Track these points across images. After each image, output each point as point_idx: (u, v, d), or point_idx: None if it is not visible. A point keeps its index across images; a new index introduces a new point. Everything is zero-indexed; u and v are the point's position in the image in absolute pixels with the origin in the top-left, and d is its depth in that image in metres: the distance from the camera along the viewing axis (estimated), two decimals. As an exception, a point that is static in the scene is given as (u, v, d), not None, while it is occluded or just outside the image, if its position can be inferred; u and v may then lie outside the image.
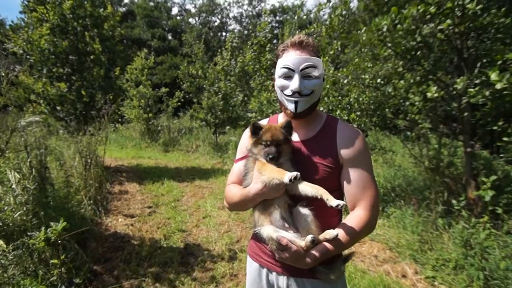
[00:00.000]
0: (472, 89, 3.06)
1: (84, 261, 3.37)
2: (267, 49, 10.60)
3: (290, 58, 1.44)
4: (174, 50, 33.46)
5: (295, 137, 1.53)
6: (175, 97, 16.59)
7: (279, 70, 1.47)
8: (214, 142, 13.14)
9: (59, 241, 2.33)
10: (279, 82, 1.48)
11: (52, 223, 2.34)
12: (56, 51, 7.69)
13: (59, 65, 7.88)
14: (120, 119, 17.20)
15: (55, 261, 2.39)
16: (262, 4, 39.17)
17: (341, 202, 1.25)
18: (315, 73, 1.43)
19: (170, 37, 37.54)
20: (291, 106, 1.45)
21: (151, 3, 40.68)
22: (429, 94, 3.04)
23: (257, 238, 1.49)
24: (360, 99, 4.88)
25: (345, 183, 1.42)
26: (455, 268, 3.33)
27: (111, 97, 8.81)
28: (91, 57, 8.03)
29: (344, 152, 1.42)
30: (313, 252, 1.31)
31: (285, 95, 1.46)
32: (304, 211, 1.36)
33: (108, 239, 4.15)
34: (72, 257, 3.19)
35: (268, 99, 8.76)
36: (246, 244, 4.27)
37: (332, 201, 1.26)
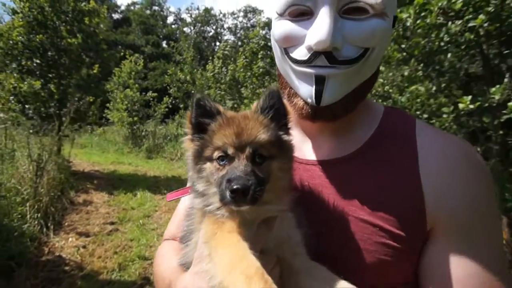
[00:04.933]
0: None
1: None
2: (259, 56, 10.18)
3: None
4: (167, 57, 33.04)
5: (309, 155, 0.85)
6: (163, 102, 15.98)
7: (279, 1, 0.78)
8: (200, 152, 12.45)
9: None
10: (279, 28, 0.78)
11: None
12: (31, 45, 7.03)
13: (35, 60, 7.19)
14: (106, 122, 16.52)
15: None
16: (258, 17, 39.40)
17: None
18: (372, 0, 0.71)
19: (164, 45, 37.20)
20: (306, 91, 0.75)
21: (148, 11, 40.56)
22: (461, 105, 2.44)
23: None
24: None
25: (434, 281, 0.71)
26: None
27: (91, 99, 8.12)
28: (69, 53, 7.39)
29: (441, 201, 0.71)
30: None
31: (294, 61, 0.76)
32: None
33: (45, 267, 3.34)
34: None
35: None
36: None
37: None
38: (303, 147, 0.89)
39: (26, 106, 6.65)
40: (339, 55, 0.72)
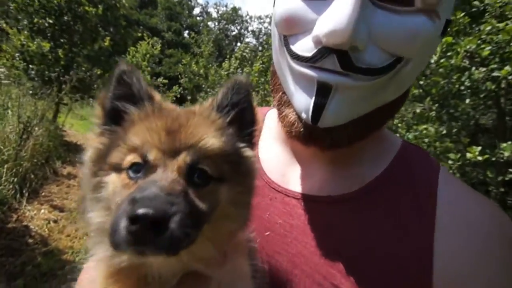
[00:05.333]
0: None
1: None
2: (276, 64, 10.14)
3: None
4: (186, 47, 33.15)
5: (293, 184, 0.68)
6: (171, 91, 15.91)
7: None
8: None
9: None
10: (282, 5, 0.58)
11: None
12: (48, 5, 6.93)
13: (48, 20, 7.09)
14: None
15: None
16: (283, 27, 39.49)
17: None
18: None
19: (186, 34, 37.38)
20: (302, 101, 0.56)
21: (176, -2, 40.86)
22: (469, 155, 2.32)
23: None
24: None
25: None
26: None
27: (98, 71, 8.02)
28: (85, 21, 7.30)
29: (454, 282, 0.54)
30: None
31: (293, 55, 0.56)
32: None
33: (9, 235, 3.16)
34: None
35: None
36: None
37: None
38: (288, 172, 0.69)
39: (30, 66, 6.51)
40: (358, 59, 0.51)
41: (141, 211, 0.34)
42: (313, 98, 0.53)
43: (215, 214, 0.44)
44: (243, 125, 0.52)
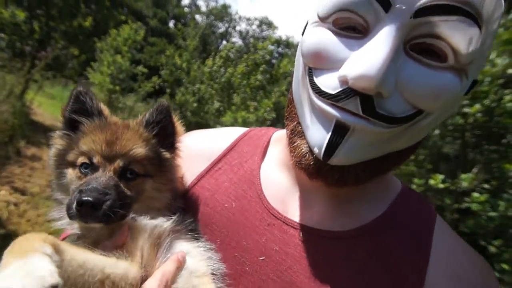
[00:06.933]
0: (477, 195, 2.44)
1: None
2: (260, 69, 10.13)
3: None
4: (170, 37, 32.28)
5: (292, 212, 0.70)
6: (150, 81, 15.38)
7: (324, 3, 0.57)
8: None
9: None
10: (313, 37, 0.58)
11: None
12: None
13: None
14: (85, 81, 15.59)
15: None
16: (271, 32, 39.90)
17: None
18: (466, 45, 0.49)
19: (171, 24, 36.43)
20: (317, 137, 0.57)
21: (165, -15, 39.68)
22: (432, 182, 2.45)
23: None
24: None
25: None
26: None
27: (75, 51, 7.58)
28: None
29: None
30: None
31: (316, 90, 0.57)
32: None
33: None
34: None
35: (244, 119, 8.08)
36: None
37: None
38: (288, 200, 0.70)
39: (1, 35, 6.02)
40: (381, 106, 0.51)
41: (84, 199, 0.55)
42: (329, 134, 0.54)
43: (142, 197, 0.65)
44: (165, 137, 0.70)
